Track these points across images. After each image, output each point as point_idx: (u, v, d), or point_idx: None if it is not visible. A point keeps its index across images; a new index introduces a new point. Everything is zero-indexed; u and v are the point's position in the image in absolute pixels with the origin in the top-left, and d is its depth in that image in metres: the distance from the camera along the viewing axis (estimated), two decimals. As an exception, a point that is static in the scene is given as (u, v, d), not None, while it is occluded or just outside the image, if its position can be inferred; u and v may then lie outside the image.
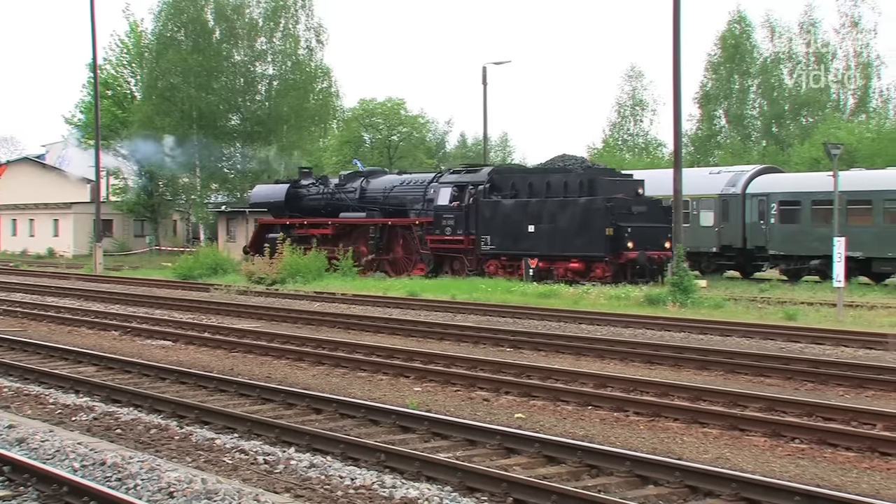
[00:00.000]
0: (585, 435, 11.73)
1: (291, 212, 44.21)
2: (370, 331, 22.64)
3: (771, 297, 29.03)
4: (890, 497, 9.07)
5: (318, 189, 43.89)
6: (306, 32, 60.63)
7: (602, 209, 33.82)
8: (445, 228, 37.93)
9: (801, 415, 12.56)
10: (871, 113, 65.15)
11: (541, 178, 36.77)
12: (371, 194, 41.83)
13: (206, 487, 8.80)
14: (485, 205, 37.04)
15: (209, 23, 60.55)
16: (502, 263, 36.61)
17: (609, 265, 33.65)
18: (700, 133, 67.96)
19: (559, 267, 34.86)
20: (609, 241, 33.51)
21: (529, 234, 35.60)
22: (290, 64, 60.13)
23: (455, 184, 38.47)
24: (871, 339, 19.23)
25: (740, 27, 67.56)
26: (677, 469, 9.32)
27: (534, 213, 35.66)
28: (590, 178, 35.54)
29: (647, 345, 19.16)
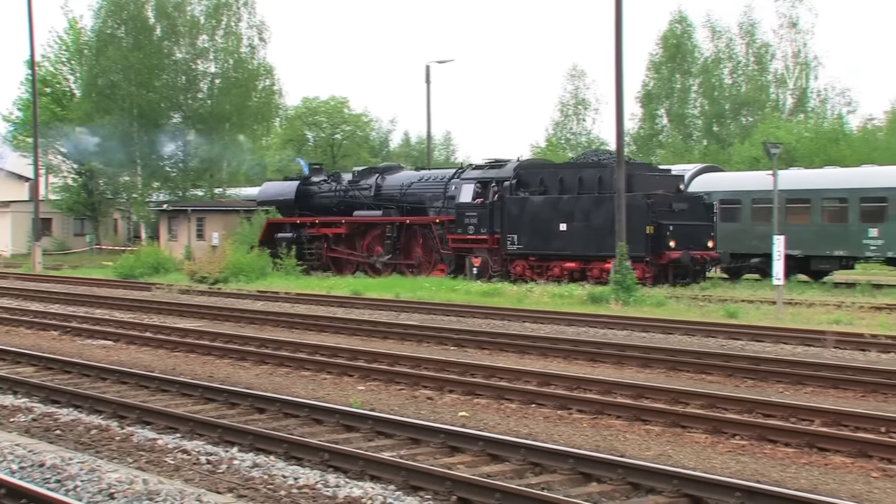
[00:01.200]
0: (529, 433, 11.76)
1: (301, 210, 42.32)
2: (314, 330, 22.56)
3: (712, 295, 29.30)
4: (828, 492, 9.19)
5: (330, 186, 42.00)
6: (248, 30, 60.28)
7: (642, 206, 32.07)
8: (468, 227, 36.20)
9: (742, 411, 12.69)
10: (809, 113, 66.00)
11: (573, 173, 34.89)
12: (387, 191, 39.95)
13: (148, 488, 8.72)
14: (511, 202, 35.32)
15: (150, 20, 59.99)
16: (530, 264, 34.81)
17: (650, 266, 32.10)
18: (642, 132, 68.49)
19: (594, 268, 33.10)
20: (650, 240, 32.00)
21: (561, 234, 33.88)
22: (233, 62, 59.74)
23: (478, 180, 36.73)
24: (810, 336, 19.46)
25: (681, 27, 68.16)
26: (620, 466, 9.37)
27: (566, 210, 33.95)
28: (627, 173, 32.72)
29: (591, 343, 19.26)
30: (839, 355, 17.67)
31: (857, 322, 22.36)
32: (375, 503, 8.64)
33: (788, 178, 35.81)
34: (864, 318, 23.27)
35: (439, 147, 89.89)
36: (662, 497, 8.82)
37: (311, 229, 41.43)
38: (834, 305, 25.89)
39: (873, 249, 34.66)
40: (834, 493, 9.11)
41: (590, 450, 10.53)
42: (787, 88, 67.52)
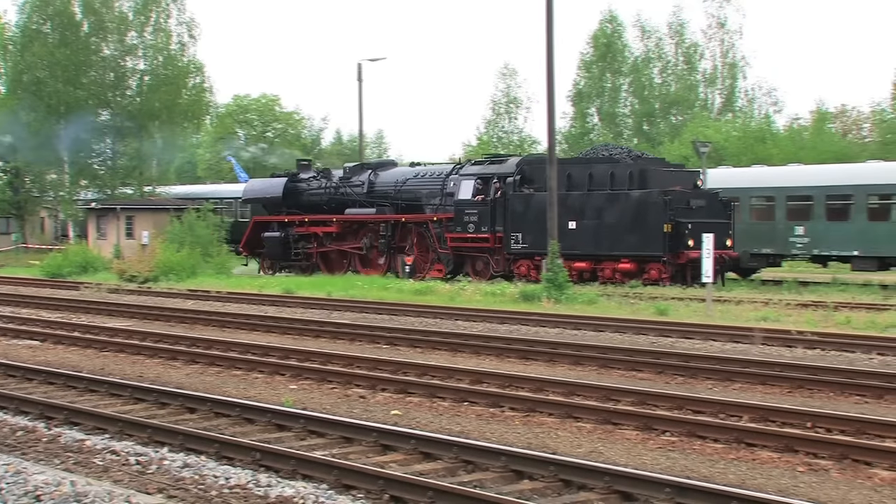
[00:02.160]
0: (461, 431, 11.78)
1: (289, 208, 40.94)
2: (245, 328, 22.42)
3: (642, 293, 29.54)
4: (755, 487, 9.30)
5: (319, 183, 40.57)
6: (178, 27, 59.60)
7: (659, 203, 30.85)
8: (468, 225, 34.80)
9: (672, 408, 12.81)
10: (737, 112, 66.80)
11: (582, 168, 33.54)
12: (381, 188, 38.44)
13: (76, 490, 8.60)
14: (515, 199, 33.88)
15: (77, 16, 59.11)
16: (535, 264, 33.03)
17: (667, 266, 30.90)
18: (573, 130, 68.89)
19: (606, 268, 31.98)
20: (667, 239, 30.70)
21: (570, 232, 32.26)
22: (162, 59, 59.08)
23: (478, 176, 35.31)
24: (738, 333, 19.70)
25: (612, 27, 68.66)
26: (551, 463, 9.41)
27: (575, 207, 32.56)
28: (641, 168, 32.57)
29: (523, 340, 19.33)
30: (767, 352, 17.90)
31: (784, 319, 22.67)
32: (307, 502, 8.60)
33: (717, 176, 36.23)
34: (791, 315, 23.60)
35: (371, 145, 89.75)
36: (594, 494, 8.87)
37: (300, 228, 40.09)
38: (762, 303, 26.23)
39: (800, 247, 35.18)
40: (761, 488, 9.23)
41: (522, 447, 10.56)
42: (715, 88, 68.31)
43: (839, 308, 24.51)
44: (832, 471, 9.96)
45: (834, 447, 10.44)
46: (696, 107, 66.93)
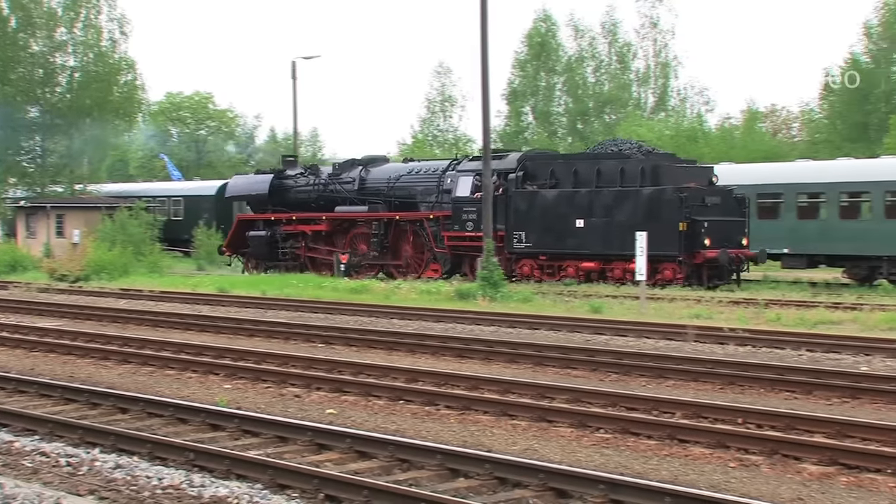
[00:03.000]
0: (397, 429, 11.77)
1: (275, 205, 39.47)
2: (179, 328, 22.23)
3: (577, 291, 29.72)
4: (688, 482, 9.40)
5: (307, 180, 39.08)
6: (109, 23, 58.82)
7: (674, 200, 29.82)
8: (466, 223, 33.47)
9: (606, 405, 12.89)
10: (669, 111, 67.43)
11: (589, 164, 32.23)
12: (373, 185, 37.06)
13: (4, 493, 8.47)
14: (518, 196, 32.71)
15: (4, 11, 58.20)
16: (540, 264, 32.37)
17: (682, 266, 29.90)
18: (508, 129, 69.11)
19: (616, 268, 30.91)
20: (683, 238, 29.64)
21: (577, 231, 31.44)
22: (93, 55, 58.32)
23: (477, 172, 33.54)
24: (671, 331, 19.87)
25: (546, 26, 68.95)
26: (487, 461, 9.43)
27: (583, 205, 31.51)
28: (653, 164, 31.40)
29: (458, 339, 19.37)
30: (699, 349, 18.08)
31: (716, 316, 22.91)
32: (242, 502, 8.54)
33: None
34: (723, 312, 23.86)
35: (306, 143, 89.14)
36: (529, 491, 8.91)
37: (287, 226, 38.71)
38: (694, 300, 26.50)
39: None
40: (694, 484, 9.32)
41: (457, 445, 10.58)
42: (648, 87, 68.90)
43: (770, 305, 24.84)
44: (763, 466, 10.08)
45: (764, 443, 10.57)
46: (630, 106, 67.45)
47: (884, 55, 52.59)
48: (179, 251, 50.98)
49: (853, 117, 52.44)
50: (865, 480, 9.51)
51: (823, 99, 56.97)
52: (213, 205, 52.65)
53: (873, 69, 52.95)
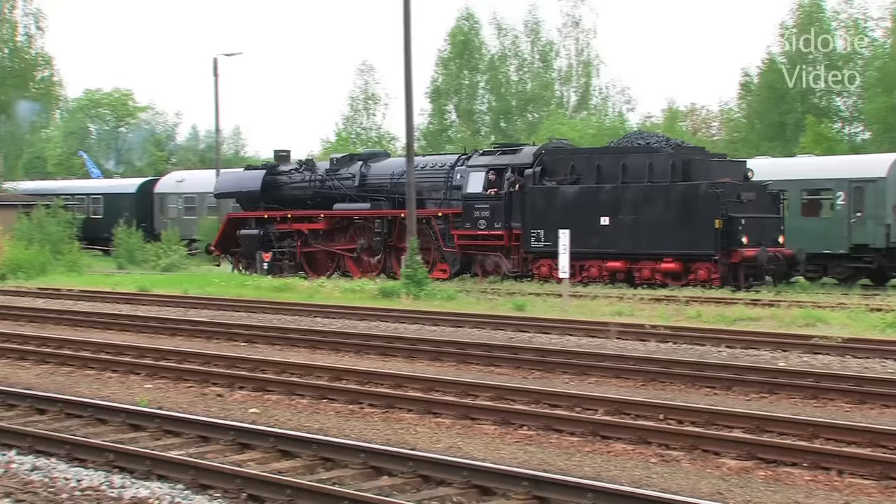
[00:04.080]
0: (320, 428, 11.73)
1: (268, 203, 37.40)
2: (98, 327, 21.94)
3: (500, 288, 29.82)
4: (610, 478, 9.48)
5: (302, 176, 37.02)
6: (25, 18, 58.09)
7: (710, 196, 28.28)
8: (479, 221, 31.83)
9: (529, 402, 12.95)
10: (591, 110, 67.94)
11: (614, 159, 30.54)
12: (374, 181, 35.16)
13: (-81, 496, 8.30)
14: (536, 192, 31.06)
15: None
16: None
17: (718, 265, 28.27)
18: (432, 127, 69.16)
19: (644, 267, 29.39)
20: (719, 235, 28.12)
21: (602, 228, 29.78)
22: (8, 51, 57.43)
23: (490, 167, 32.26)
24: (594, 328, 20.02)
25: (469, 24, 69.10)
26: (410, 459, 9.43)
27: (608, 202, 29.87)
28: (685, 158, 29.79)
29: (382, 337, 19.34)
30: (621, 346, 18.23)
31: (637, 313, 23.13)
32: (163, 503, 8.46)
33: None
34: (645, 309, 24.09)
35: (228, 141, 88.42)
36: (452, 489, 8.92)
37: (281, 225, 36.74)
38: (616, 298, 26.71)
39: None
40: (616, 480, 9.40)
41: (381, 444, 10.57)
42: (570, 86, 69.36)
43: (690, 302, 25.12)
44: (683, 461, 10.20)
45: (685, 438, 10.70)
46: (552, 104, 67.83)
47: (799, 55, 53.45)
48: (99, 250, 50.29)
49: (770, 117, 53.25)
50: (783, 474, 9.67)
51: (742, 98, 57.76)
52: (134, 202, 52.02)
53: (790, 69, 53.80)
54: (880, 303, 24.04)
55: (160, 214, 51.90)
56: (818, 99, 53.73)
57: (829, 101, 54.01)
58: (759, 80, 54.85)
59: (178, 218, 51.01)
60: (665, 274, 28.93)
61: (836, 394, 13.35)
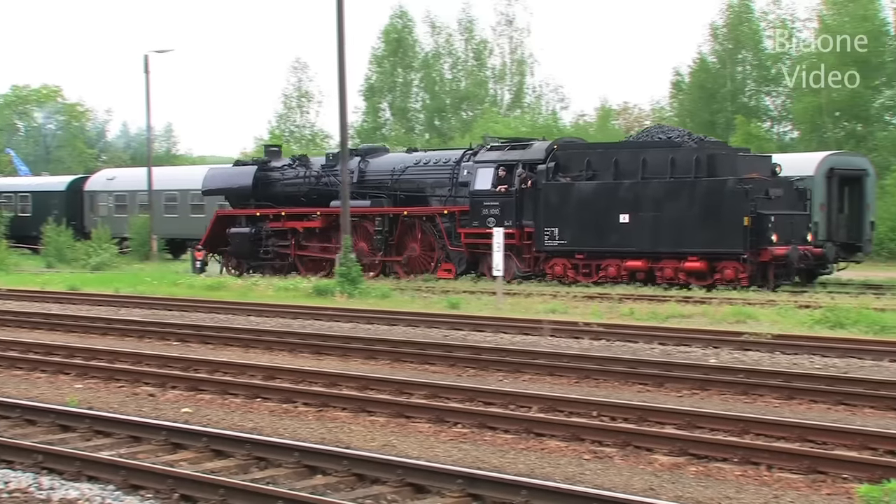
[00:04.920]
0: (254, 427, 11.67)
1: (259, 200, 36.12)
2: (27, 327, 21.61)
3: (434, 287, 29.84)
4: (543, 475, 9.52)
5: (296, 172, 35.88)
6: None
7: (738, 193, 27.23)
8: (487, 219, 30.56)
9: (464, 400, 12.97)
10: (525, 108, 68.23)
11: (633, 154, 29.43)
12: (374, 177, 34.07)
13: None
14: (551, 188, 29.92)
15: None
16: (574, 263, 29.71)
17: (746, 264, 27.29)
18: (366, 125, 69.05)
19: (666, 267, 28.31)
20: (748, 233, 27.13)
21: (621, 226, 28.76)
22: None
23: (500, 163, 31.17)
24: (528, 326, 20.09)
25: (402, 22, 69.09)
26: (345, 458, 9.41)
27: (628, 198, 28.79)
28: (709, 153, 28.69)
29: (316, 335, 19.28)
30: (555, 343, 18.31)
31: (571, 311, 23.26)
32: (94, 505, 8.37)
33: None
34: (578, 307, 24.23)
35: (160, 139, 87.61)
36: (387, 487, 8.91)
37: (274, 223, 35.49)
38: (550, 295, 26.85)
39: None
40: (549, 477, 9.45)
41: (315, 442, 10.54)
42: (504, 84, 69.61)
43: (623, 300, 25.32)
44: (616, 458, 10.28)
45: (618, 434, 10.78)
46: (486, 102, 68.02)
47: (729, 55, 54.07)
48: (28, 248, 49.58)
49: (701, 116, 53.84)
50: (713, 469, 9.77)
51: (673, 97, 58.32)
52: (64, 200, 51.35)
53: (720, 69, 54.42)
54: (808, 300, 24.38)
55: (90, 212, 51.29)
56: (748, 98, 54.42)
57: (759, 101, 54.71)
58: (691, 80, 55.40)
59: (109, 216, 50.45)
60: (689, 273, 28.02)
61: (765, 390, 13.52)
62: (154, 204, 47.35)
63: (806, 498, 8.90)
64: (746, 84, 54.58)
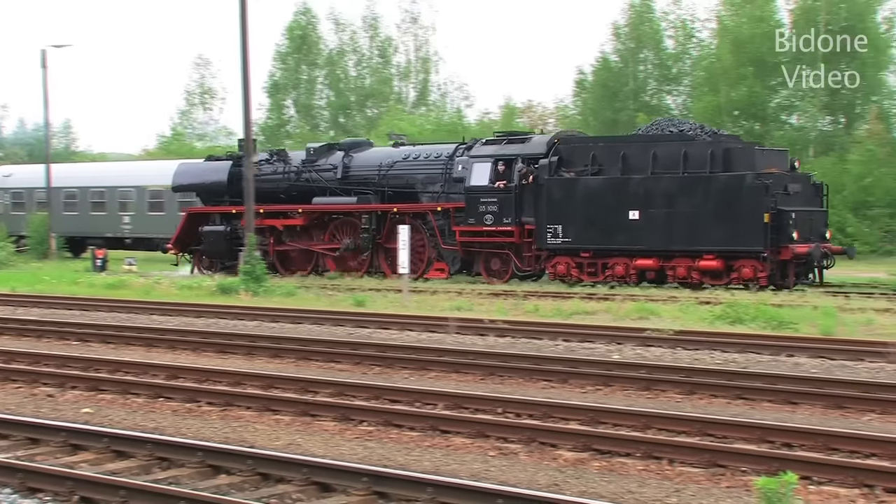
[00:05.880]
0: (156, 427, 11.52)
1: (233, 197, 33.92)
2: (-81, 328, 21.09)
3: (340, 284, 29.74)
4: (449, 472, 9.54)
5: (274, 167, 34.24)
6: None
7: (757, 188, 26.13)
8: (485, 216, 29.39)
9: (370, 398, 12.96)
10: (430, 106, 68.32)
11: (642, 148, 28.12)
12: (359, 172, 32.62)
13: None
14: (553, 184, 28.58)
15: None
16: (579, 262, 28.43)
17: (765, 263, 26.08)
18: (270, 122, 68.55)
19: (679, 266, 27.06)
20: (769, 231, 26.01)
21: (631, 223, 27.48)
22: None
23: (497, 157, 29.80)
24: (433, 323, 20.12)
25: (306, 19, 68.70)
26: (249, 457, 9.34)
27: (638, 194, 27.53)
28: (725, 147, 27.45)
29: (220, 334, 19.11)
30: (461, 340, 18.37)
31: (476, 308, 23.36)
32: (-10, 509, 8.19)
33: None
34: (483, 304, 24.35)
35: (58, 136, 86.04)
36: (291, 486, 8.86)
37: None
38: (456, 293, 26.93)
39: None
40: (455, 474, 9.47)
41: (219, 442, 10.44)
42: (409, 82, 69.60)
43: (528, 297, 25.48)
44: (521, 454, 10.34)
45: (522, 431, 10.84)
46: (391, 100, 67.96)
47: (631, 54, 54.71)
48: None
49: (604, 114, 54.36)
50: (616, 464, 9.89)
51: (577, 96, 58.81)
52: None
53: (622, 68, 55.03)
54: (709, 296, 24.77)
55: (-15, 210, 50.18)
56: (649, 97, 55.09)
57: (660, 100, 55.41)
58: (594, 78, 55.92)
59: (6, 214, 49.45)
60: (704, 272, 26.85)
61: (667, 385, 13.71)
62: (53, 201, 46.47)
63: (706, 491, 9.05)
64: (648, 83, 55.25)
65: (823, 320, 18.90)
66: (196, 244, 35.46)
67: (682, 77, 54.53)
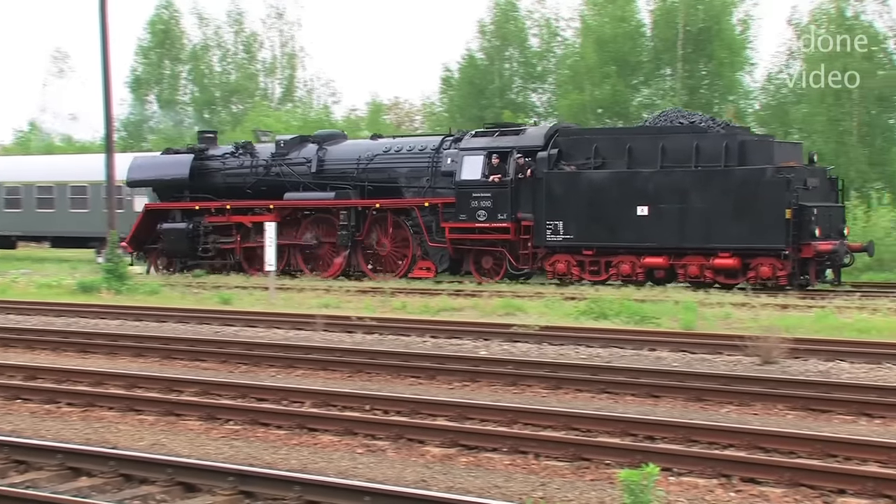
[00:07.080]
0: (14, 429, 11.23)
1: (195, 192, 32.54)
2: None
3: (206, 282, 29.37)
4: (316, 470, 9.52)
5: (240, 161, 32.34)
6: None
7: (778, 183, 24.69)
8: (478, 212, 27.71)
9: (236, 396, 12.85)
10: (296, 102, 67.90)
11: (649, 140, 26.46)
12: (335, 166, 30.78)
13: None
14: (554, 178, 26.96)
15: None
16: (581, 260, 26.92)
17: (786, 261, 24.70)
18: (132, 118, 67.32)
19: (691, 264, 25.57)
20: (790, 227, 24.57)
21: (639, 220, 26.01)
22: None
23: (492, 150, 28.04)
24: (301, 321, 20.01)
25: (168, 13, 67.61)
26: (111, 458, 9.17)
27: (646, 189, 26.00)
28: (740, 139, 25.96)
29: (81, 333, 18.73)
30: (328, 338, 18.32)
31: (344, 305, 23.30)
32: None
33: None
34: (351, 301, 24.30)
35: None
36: (156, 487, 8.73)
37: (216, 217, 32.03)
38: (323, 290, 26.82)
39: None
40: (322, 472, 9.45)
41: (80, 443, 10.23)
42: (275, 78, 69.06)
43: (396, 294, 25.52)
44: (389, 451, 10.36)
45: (390, 428, 10.86)
46: (257, 96, 67.33)
47: (496, 52, 55.16)
48: None
49: (471, 111, 54.67)
50: (483, 459, 9.97)
51: (443, 93, 59.05)
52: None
53: (488, 66, 55.42)
54: (574, 292, 25.12)
55: None
56: (515, 95, 55.60)
57: (525, 98, 55.97)
58: (460, 76, 56.22)
59: None
60: (718, 271, 25.50)
61: (533, 380, 13.87)
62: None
63: (571, 484, 9.18)
64: (514, 81, 55.76)
65: (684, 315, 19.31)
66: (153, 243, 33.65)
67: (546, 75, 55.16)
